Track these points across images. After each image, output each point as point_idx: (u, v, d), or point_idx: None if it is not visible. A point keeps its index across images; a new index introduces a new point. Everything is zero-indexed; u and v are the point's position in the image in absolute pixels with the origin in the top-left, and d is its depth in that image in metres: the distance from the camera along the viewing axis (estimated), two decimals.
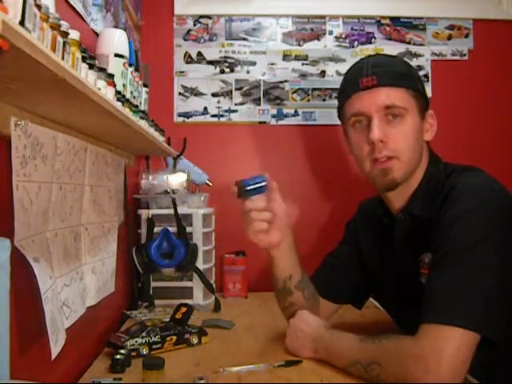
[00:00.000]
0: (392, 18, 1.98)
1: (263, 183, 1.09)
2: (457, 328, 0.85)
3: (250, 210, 1.08)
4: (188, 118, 1.92)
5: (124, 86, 1.09)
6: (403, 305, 1.12)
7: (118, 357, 1.03)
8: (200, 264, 1.62)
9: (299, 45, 1.96)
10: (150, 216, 1.62)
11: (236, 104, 1.94)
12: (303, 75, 1.96)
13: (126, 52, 1.13)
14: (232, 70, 1.94)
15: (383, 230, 1.19)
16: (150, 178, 1.70)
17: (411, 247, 1.09)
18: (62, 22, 0.65)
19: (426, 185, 1.09)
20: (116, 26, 1.38)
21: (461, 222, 0.94)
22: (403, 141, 1.06)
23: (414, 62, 1.96)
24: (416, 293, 0.97)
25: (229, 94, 1.94)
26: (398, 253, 1.13)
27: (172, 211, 1.62)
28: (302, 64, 1.96)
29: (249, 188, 1.08)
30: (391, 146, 1.05)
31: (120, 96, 0.99)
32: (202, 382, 0.93)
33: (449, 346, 0.84)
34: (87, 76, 0.80)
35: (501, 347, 0.88)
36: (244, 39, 1.94)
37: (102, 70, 0.88)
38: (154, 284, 1.61)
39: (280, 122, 1.95)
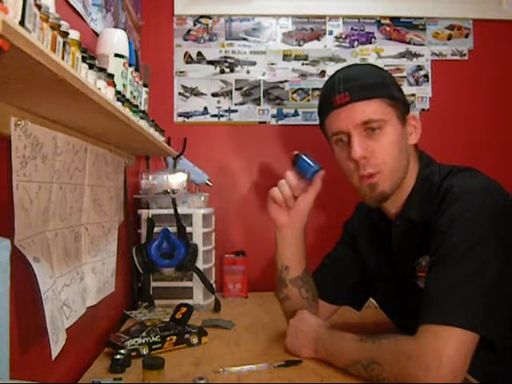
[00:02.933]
0: (392, 18, 1.98)
1: (316, 167, 1.15)
2: (456, 328, 0.85)
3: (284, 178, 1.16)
4: (188, 118, 1.93)
5: (124, 85, 1.09)
6: (402, 306, 1.12)
7: (118, 357, 1.03)
8: (200, 264, 1.62)
9: (299, 45, 1.96)
10: (150, 216, 1.63)
11: (236, 104, 1.94)
12: (303, 75, 1.96)
13: (126, 52, 1.13)
14: (232, 70, 1.94)
15: (380, 233, 1.19)
16: (150, 177, 1.70)
17: (408, 250, 1.09)
18: (62, 22, 0.65)
19: (420, 187, 1.08)
20: (116, 26, 1.38)
21: (458, 223, 0.94)
22: (385, 153, 1.04)
23: (414, 62, 1.97)
24: (414, 295, 0.97)
25: (229, 94, 1.94)
26: (396, 255, 1.13)
27: (172, 211, 1.62)
28: (302, 64, 1.96)
29: (304, 158, 1.15)
30: (373, 161, 1.04)
31: (120, 96, 0.99)
32: (202, 382, 0.93)
33: (448, 346, 0.84)
34: (87, 76, 0.80)
35: (501, 347, 0.88)
36: (244, 39, 1.94)
37: (102, 69, 0.88)
38: (154, 284, 1.61)
39: (280, 122, 1.95)
